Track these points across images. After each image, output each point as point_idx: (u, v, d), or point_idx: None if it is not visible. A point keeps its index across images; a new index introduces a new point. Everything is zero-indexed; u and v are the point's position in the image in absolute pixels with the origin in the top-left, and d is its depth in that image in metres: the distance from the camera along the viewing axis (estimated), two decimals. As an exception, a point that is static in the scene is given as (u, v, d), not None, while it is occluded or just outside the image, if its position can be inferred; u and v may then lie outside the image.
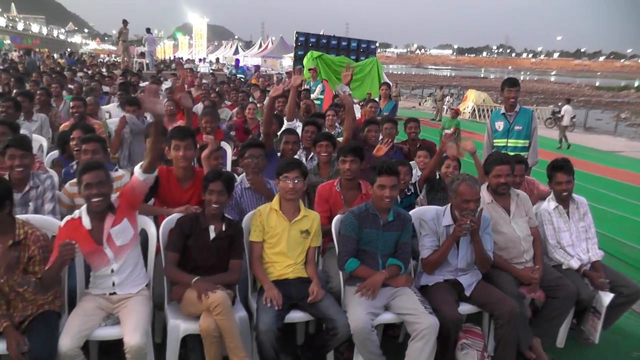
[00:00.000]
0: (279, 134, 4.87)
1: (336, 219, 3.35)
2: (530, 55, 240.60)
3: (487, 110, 21.24)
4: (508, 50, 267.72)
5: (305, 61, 14.59)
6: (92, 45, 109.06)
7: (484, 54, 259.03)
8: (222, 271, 3.03)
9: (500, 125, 5.18)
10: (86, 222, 2.82)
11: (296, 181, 3.13)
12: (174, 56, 34.32)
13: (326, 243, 3.56)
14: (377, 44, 18.95)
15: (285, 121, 5.01)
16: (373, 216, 3.17)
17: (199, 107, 7.03)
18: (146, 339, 2.69)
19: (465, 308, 3.23)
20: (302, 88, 10.53)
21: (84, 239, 2.77)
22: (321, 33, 18.27)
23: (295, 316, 3.06)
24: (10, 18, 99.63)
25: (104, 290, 2.92)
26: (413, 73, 69.90)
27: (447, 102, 23.00)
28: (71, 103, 5.66)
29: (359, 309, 2.95)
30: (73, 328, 2.65)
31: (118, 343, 2.70)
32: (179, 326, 2.88)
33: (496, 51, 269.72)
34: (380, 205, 3.15)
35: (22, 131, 4.44)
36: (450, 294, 3.20)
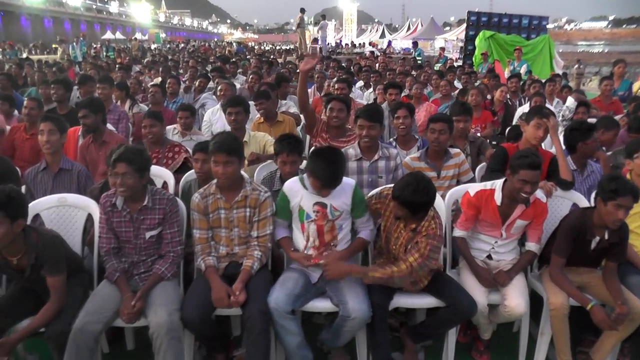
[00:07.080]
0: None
1: None
2: None
3: (666, 91, 19.22)
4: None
5: (477, 42, 14.62)
6: (237, 34, 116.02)
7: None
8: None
9: None
10: (498, 197, 3.09)
11: None
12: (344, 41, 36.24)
13: None
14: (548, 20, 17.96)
15: None
16: None
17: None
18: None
19: None
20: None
21: (492, 213, 3.10)
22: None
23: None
24: (164, 14, 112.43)
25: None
26: (561, 50, 63.60)
27: (618, 81, 21.29)
28: (336, 85, 6.17)
29: None
30: None
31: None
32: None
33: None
34: None
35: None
36: None
